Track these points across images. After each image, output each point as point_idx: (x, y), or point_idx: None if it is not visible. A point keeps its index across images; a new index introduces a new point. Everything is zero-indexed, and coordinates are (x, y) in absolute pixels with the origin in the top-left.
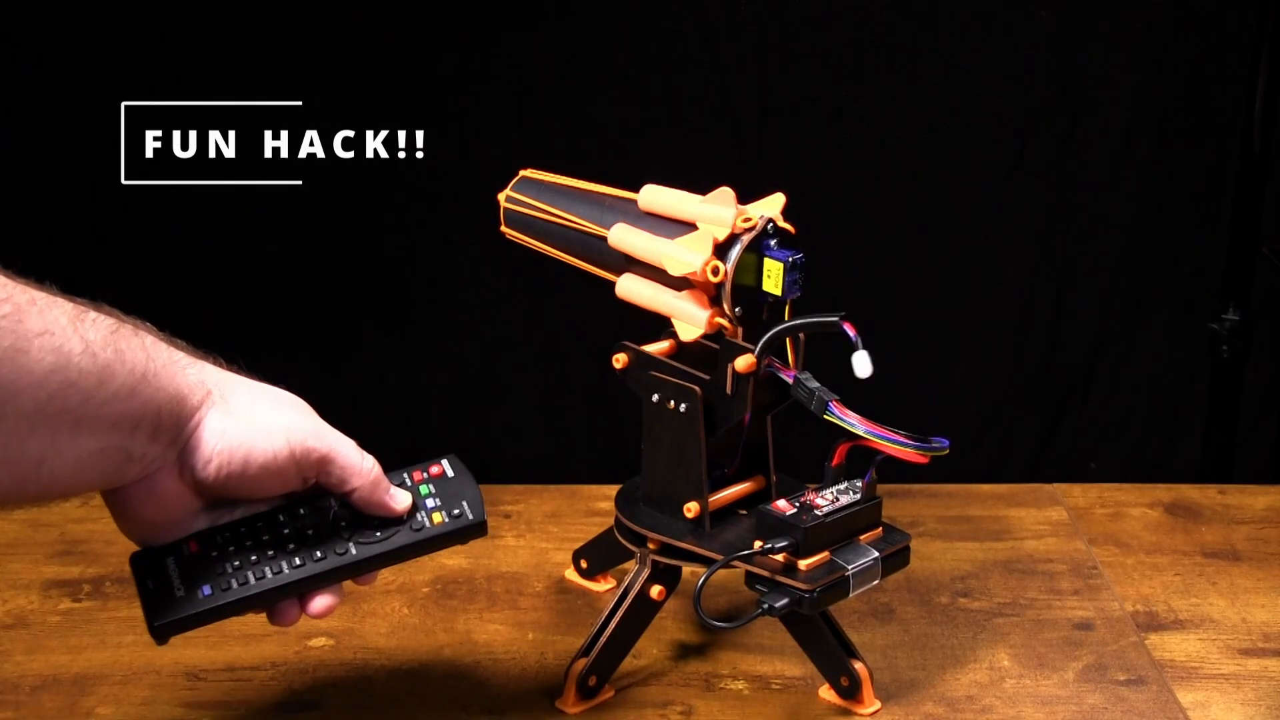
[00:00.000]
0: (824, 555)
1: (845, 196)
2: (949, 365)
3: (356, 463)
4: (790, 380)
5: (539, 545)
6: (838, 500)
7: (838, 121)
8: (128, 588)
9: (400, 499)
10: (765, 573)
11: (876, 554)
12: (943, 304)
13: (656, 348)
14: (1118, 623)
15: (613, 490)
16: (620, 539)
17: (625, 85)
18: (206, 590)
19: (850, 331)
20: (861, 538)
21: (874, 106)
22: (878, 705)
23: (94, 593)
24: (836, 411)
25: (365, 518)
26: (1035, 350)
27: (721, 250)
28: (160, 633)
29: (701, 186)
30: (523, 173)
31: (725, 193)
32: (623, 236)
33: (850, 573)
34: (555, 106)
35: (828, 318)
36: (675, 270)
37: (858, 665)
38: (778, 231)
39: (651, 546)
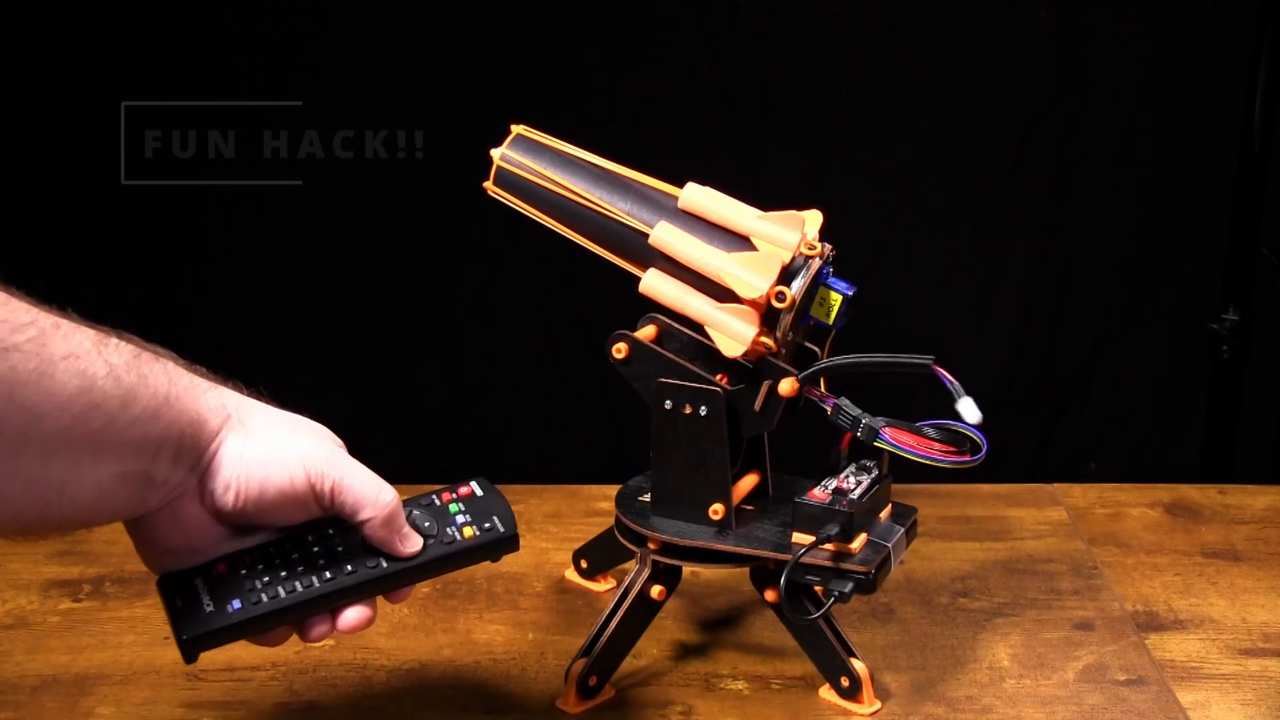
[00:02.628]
0: (864, 537)
1: (845, 196)
2: (949, 365)
3: (371, 494)
4: (829, 407)
5: (539, 545)
6: (860, 482)
7: (838, 121)
8: (128, 588)
9: (411, 543)
10: (817, 562)
11: (901, 528)
12: (943, 304)
13: (642, 334)
14: (1118, 623)
15: (613, 490)
16: (620, 539)
17: (625, 85)
18: (236, 605)
19: (949, 379)
20: (880, 515)
21: (874, 106)
22: (878, 705)
23: (94, 593)
24: (888, 438)
25: None
26: (1035, 350)
27: (785, 275)
28: (189, 647)
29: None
30: (517, 130)
31: (792, 215)
32: (669, 240)
33: (891, 548)
34: (555, 106)
35: (918, 359)
36: (744, 293)
37: (858, 665)
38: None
39: (652, 546)
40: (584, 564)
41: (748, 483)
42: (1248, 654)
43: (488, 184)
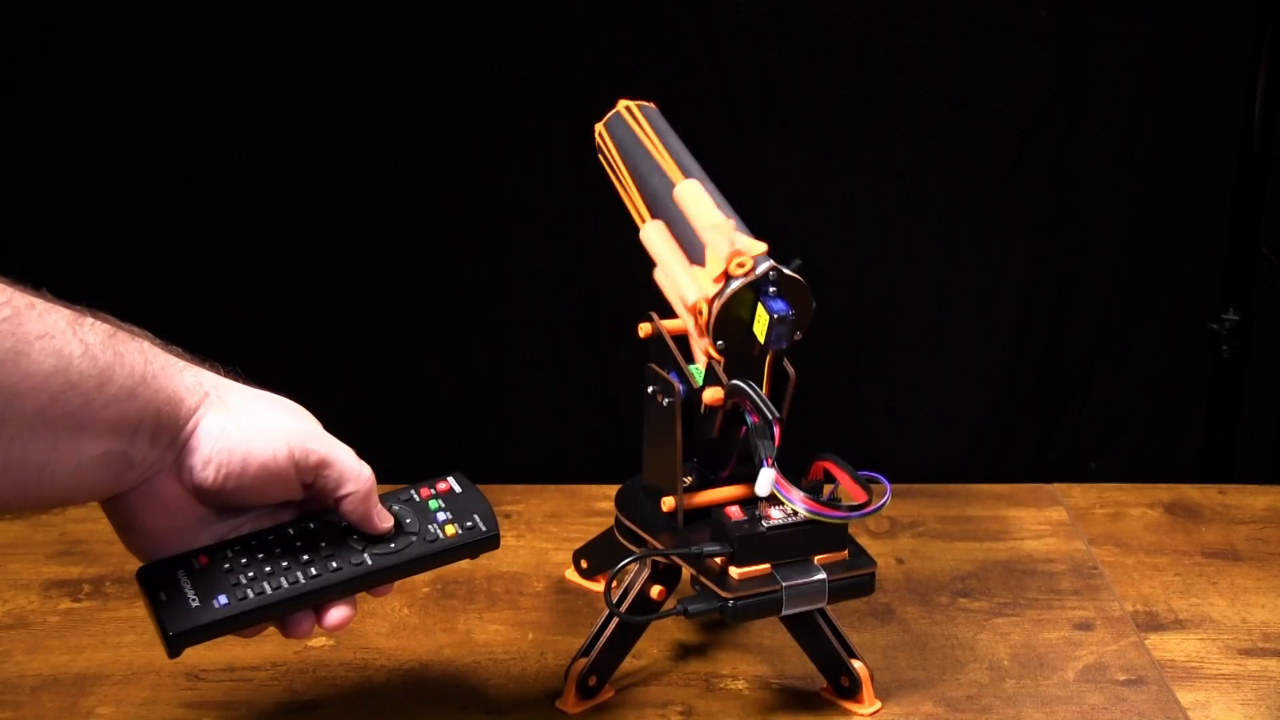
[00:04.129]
0: (763, 567)
1: (845, 197)
2: (949, 365)
3: (354, 469)
4: (749, 424)
5: (539, 545)
6: (794, 515)
7: (838, 121)
8: (128, 588)
9: (384, 518)
10: (702, 575)
11: (824, 576)
12: (943, 304)
13: (678, 323)
14: (1118, 623)
15: (613, 490)
16: (620, 539)
17: (625, 85)
18: (222, 600)
19: (775, 440)
20: (819, 558)
21: (874, 106)
22: (878, 705)
23: (94, 593)
24: (768, 475)
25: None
26: (1035, 350)
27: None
28: (175, 643)
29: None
30: (620, 104)
31: (725, 225)
32: (652, 238)
33: (784, 590)
34: (555, 106)
35: (771, 411)
36: (678, 302)
37: (858, 665)
38: (781, 279)
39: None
40: (584, 564)
41: (735, 490)
42: (1248, 654)
43: (599, 155)
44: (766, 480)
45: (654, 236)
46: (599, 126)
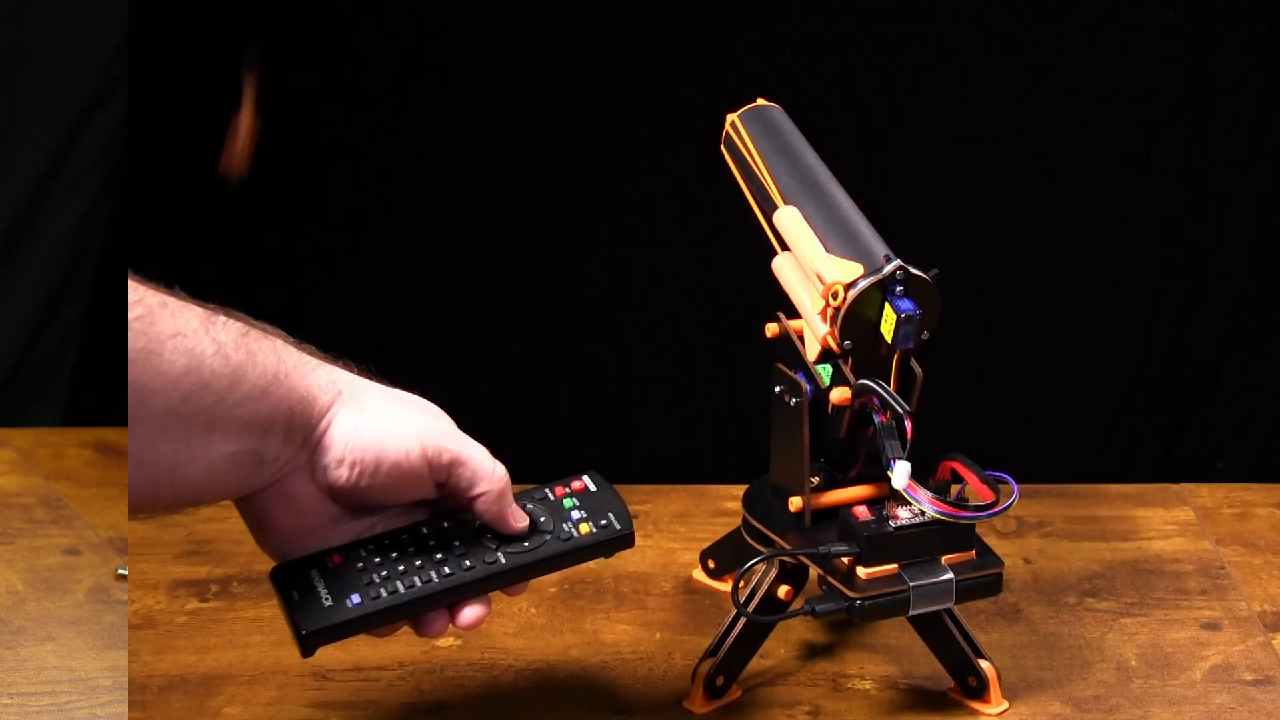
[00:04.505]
0: (891, 567)
1: (972, 197)
2: (1076, 366)
3: (487, 468)
4: (877, 423)
5: (666, 545)
6: (921, 515)
7: (964, 123)
8: (255, 588)
9: (520, 517)
10: (830, 575)
11: (951, 576)
12: (1069, 304)
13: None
14: (1245, 623)
15: (740, 490)
16: (748, 539)
17: (754, 81)
18: (355, 599)
19: (907, 434)
20: (947, 558)
21: (1000, 109)
22: (1005, 705)
23: (221, 593)
24: (901, 479)
25: None
26: (1162, 350)
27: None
28: (308, 642)
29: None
30: (759, 101)
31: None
32: (785, 220)
33: (911, 591)
34: (684, 104)
35: (901, 405)
36: (807, 285)
37: (985, 665)
38: (909, 279)
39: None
40: (711, 564)
41: (864, 489)
42: None
43: (721, 145)
44: (903, 472)
45: (789, 219)
46: (733, 116)
